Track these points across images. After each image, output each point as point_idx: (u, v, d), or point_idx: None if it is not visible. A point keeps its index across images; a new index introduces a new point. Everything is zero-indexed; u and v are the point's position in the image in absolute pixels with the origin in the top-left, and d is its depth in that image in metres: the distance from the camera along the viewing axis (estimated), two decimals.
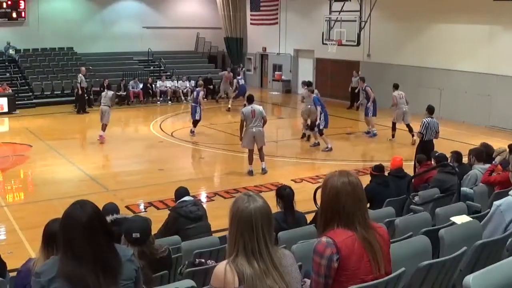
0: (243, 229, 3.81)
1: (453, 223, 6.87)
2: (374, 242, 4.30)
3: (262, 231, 3.80)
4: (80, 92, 30.43)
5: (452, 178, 10.78)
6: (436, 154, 12.95)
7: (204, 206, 10.81)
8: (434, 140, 17.18)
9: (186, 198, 9.61)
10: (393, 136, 23.84)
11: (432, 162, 13.18)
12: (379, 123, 24.51)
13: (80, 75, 30.60)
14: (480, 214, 8.05)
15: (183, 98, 34.77)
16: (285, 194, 8.94)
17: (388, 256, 4.43)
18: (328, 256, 4.14)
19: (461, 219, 7.00)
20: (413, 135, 22.79)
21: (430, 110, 17.42)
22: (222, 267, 3.82)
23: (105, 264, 3.99)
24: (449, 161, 12.43)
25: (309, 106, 22.44)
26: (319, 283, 4.21)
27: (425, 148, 16.24)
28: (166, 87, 35.62)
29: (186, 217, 9.19)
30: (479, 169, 11.43)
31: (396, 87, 24.43)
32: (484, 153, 12.15)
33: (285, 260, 3.94)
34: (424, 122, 16.96)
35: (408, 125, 23.50)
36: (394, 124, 23.79)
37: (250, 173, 18.33)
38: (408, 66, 30.21)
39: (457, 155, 12.62)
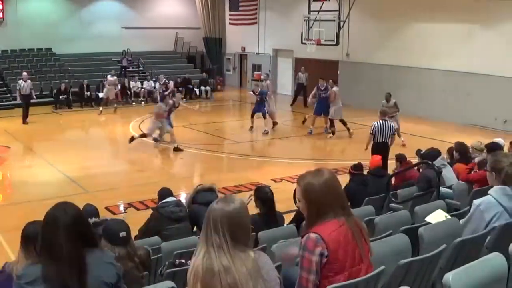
0: (209, 228, 3.92)
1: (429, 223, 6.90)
2: (361, 225, 4.55)
3: (223, 232, 3.87)
4: (18, 99, 28.60)
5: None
6: (421, 152, 12.98)
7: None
8: (419, 138, 17.24)
9: (169, 199, 9.58)
10: (333, 133, 24.36)
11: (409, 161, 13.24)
12: (359, 122, 24.57)
13: (20, 81, 28.53)
14: (459, 212, 8.09)
15: (159, 99, 34.42)
16: (266, 198, 8.93)
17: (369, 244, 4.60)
18: (319, 252, 4.21)
19: (436, 218, 7.02)
20: (349, 129, 24.06)
21: (383, 113, 17.49)
22: (193, 260, 3.93)
23: (84, 267, 3.98)
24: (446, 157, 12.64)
25: None
26: (309, 280, 4.24)
27: (379, 149, 16.23)
28: (138, 88, 35.54)
29: (167, 218, 9.17)
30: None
31: (335, 82, 24.98)
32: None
33: (260, 263, 3.96)
34: (374, 124, 17.06)
35: (342, 120, 24.29)
36: (332, 121, 24.36)
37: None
38: (387, 65, 30.35)
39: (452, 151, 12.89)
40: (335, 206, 4.39)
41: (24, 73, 29.38)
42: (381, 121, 17.00)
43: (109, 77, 31.79)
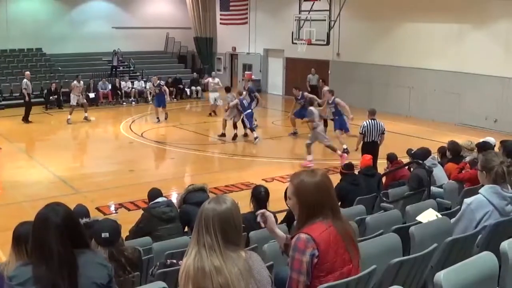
0: (200, 228, 3.92)
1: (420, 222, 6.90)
2: (350, 229, 4.50)
3: (215, 232, 3.88)
4: (27, 98, 27.99)
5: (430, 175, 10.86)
6: (412, 151, 13.00)
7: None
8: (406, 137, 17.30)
9: (160, 199, 9.59)
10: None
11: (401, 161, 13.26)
12: (349, 122, 24.56)
13: (25, 80, 28.41)
14: (450, 211, 8.11)
15: (149, 99, 34.23)
16: (259, 198, 8.98)
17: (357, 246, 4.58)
18: (310, 252, 4.20)
19: (427, 217, 7.03)
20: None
21: (372, 112, 17.55)
22: (184, 261, 3.93)
23: (75, 267, 3.97)
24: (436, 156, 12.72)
25: None
26: (299, 281, 4.23)
27: (368, 148, 16.45)
28: (129, 88, 35.43)
29: (158, 218, 9.17)
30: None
31: (325, 82, 24.96)
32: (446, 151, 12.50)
33: (251, 263, 3.96)
34: (363, 123, 17.17)
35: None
36: (326, 120, 24.07)
37: None
38: (378, 64, 30.39)
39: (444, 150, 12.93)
40: (325, 208, 4.38)
41: (27, 72, 29.37)
42: (370, 120, 17.08)
43: (75, 82, 29.12)
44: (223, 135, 23.95)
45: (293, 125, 24.65)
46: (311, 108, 19.89)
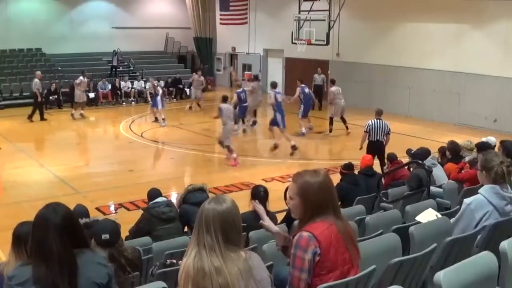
0: (201, 228, 3.93)
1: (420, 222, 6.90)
2: (350, 229, 4.53)
3: (215, 232, 3.89)
4: (39, 99, 28.29)
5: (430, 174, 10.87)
6: (412, 151, 13.01)
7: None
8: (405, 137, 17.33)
9: (159, 199, 9.58)
10: (330, 131, 24.66)
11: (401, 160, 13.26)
12: (349, 122, 24.56)
13: (36, 80, 28.39)
14: (450, 211, 8.11)
15: (149, 99, 33.94)
16: (260, 198, 8.98)
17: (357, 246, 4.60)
18: (312, 250, 4.22)
19: (426, 217, 7.03)
20: (347, 127, 24.25)
21: (378, 112, 17.64)
22: (183, 261, 3.95)
23: (74, 268, 3.96)
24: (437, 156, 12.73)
25: None
26: (301, 279, 4.25)
27: (373, 147, 16.59)
28: (128, 87, 35.38)
29: (158, 218, 9.17)
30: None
31: (333, 82, 25.17)
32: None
33: (251, 263, 3.96)
34: (368, 122, 17.30)
35: (342, 118, 24.55)
36: (331, 119, 24.67)
37: None
38: (377, 64, 30.39)
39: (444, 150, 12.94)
40: (327, 208, 4.40)
41: (38, 72, 29.26)
42: (375, 119, 17.15)
43: (81, 78, 29.93)
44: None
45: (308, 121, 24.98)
46: (222, 105, 20.05)
